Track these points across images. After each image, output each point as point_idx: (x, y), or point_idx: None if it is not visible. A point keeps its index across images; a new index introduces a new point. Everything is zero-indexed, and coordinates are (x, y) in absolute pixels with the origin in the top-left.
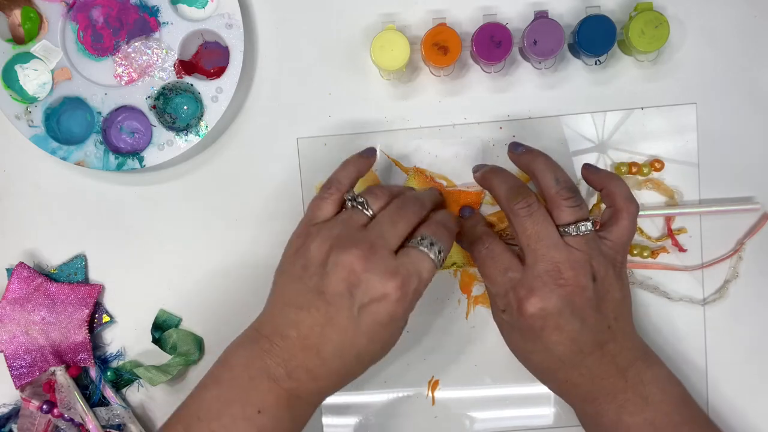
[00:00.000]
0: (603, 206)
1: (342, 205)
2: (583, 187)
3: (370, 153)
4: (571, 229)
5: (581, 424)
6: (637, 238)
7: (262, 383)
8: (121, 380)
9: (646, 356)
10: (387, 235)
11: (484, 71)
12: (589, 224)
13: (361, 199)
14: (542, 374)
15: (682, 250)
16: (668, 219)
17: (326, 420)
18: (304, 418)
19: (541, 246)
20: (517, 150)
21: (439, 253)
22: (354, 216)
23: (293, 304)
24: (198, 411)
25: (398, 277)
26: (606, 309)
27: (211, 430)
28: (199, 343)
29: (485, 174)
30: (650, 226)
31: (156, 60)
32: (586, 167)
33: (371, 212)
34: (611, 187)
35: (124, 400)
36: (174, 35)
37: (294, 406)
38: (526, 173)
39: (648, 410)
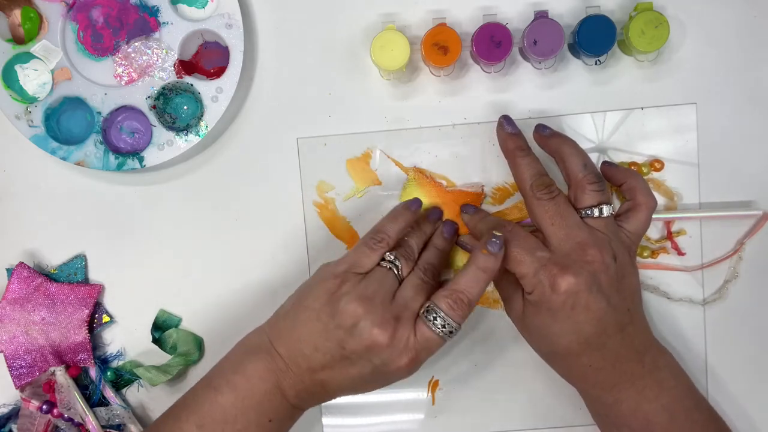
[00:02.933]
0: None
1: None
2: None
3: (416, 206)
4: (594, 211)
5: (594, 417)
6: None
7: (275, 397)
8: (121, 380)
9: (657, 343)
10: (410, 305)
11: (484, 71)
12: (610, 208)
13: (398, 263)
14: (565, 360)
15: (681, 253)
16: (668, 221)
17: (326, 420)
18: (297, 420)
19: (564, 226)
20: (544, 132)
21: (450, 333)
22: (387, 279)
23: (312, 343)
24: (212, 413)
25: (412, 352)
26: (625, 291)
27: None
28: (199, 343)
29: (514, 150)
30: (650, 227)
31: (156, 60)
32: (607, 164)
33: (401, 276)
34: (632, 181)
35: (124, 400)
36: (174, 35)
37: (296, 415)
38: (553, 155)
39: (663, 396)
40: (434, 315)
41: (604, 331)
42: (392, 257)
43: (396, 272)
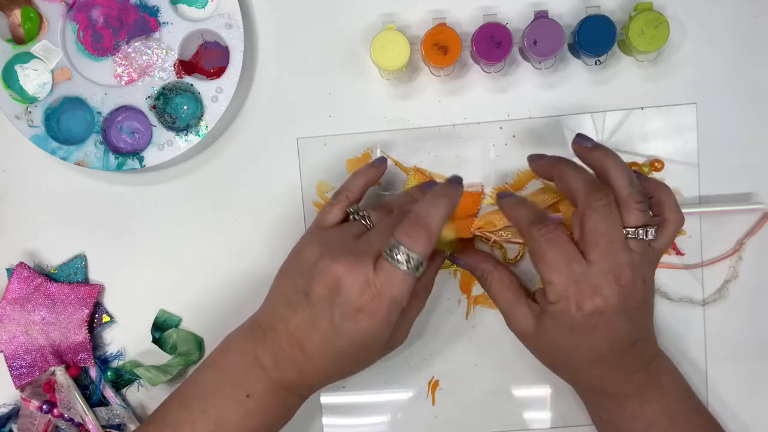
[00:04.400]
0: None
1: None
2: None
3: (380, 162)
4: (639, 232)
5: (594, 419)
6: None
7: (253, 370)
8: (121, 380)
9: (659, 348)
10: (374, 243)
11: (484, 71)
12: (653, 230)
13: (363, 213)
14: (573, 371)
15: (679, 253)
16: None
17: (326, 420)
18: (292, 407)
19: (609, 246)
20: (586, 144)
21: (408, 262)
22: (352, 228)
23: (284, 300)
24: (194, 391)
25: (373, 289)
26: (647, 310)
27: (202, 408)
28: (199, 343)
29: (556, 164)
30: None
31: (156, 60)
32: (636, 175)
33: (371, 226)
34: (662, 196)
35: (124, 400)
36: (174, 35)
37: (281, 395)
38: (595, 170)
39: (664, 399)
40: (392, 247)
41: (620, 347)
42: (355, 209)
43: (365, 223)
